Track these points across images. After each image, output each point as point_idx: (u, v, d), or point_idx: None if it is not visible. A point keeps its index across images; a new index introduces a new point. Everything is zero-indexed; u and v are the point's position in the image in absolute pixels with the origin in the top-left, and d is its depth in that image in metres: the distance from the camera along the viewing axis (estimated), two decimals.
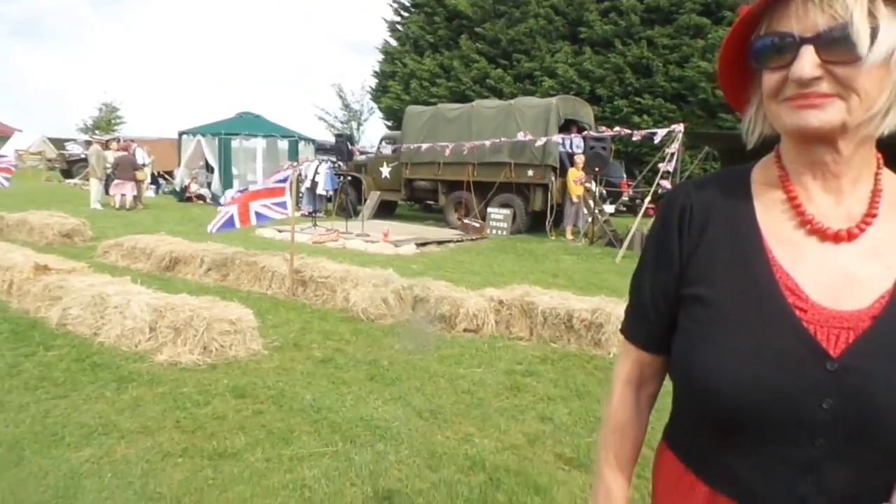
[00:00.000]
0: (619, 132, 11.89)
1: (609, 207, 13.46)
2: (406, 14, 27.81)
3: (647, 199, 10.90)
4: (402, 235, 11.34)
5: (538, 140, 12.21)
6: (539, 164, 12.92)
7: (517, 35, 23.61)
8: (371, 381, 4.21)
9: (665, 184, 10.45)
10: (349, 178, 15.24)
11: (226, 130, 17.98)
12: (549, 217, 13.04)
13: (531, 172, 13.10)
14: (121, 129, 37.74)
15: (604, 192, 13.85)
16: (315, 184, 14.53)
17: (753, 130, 0.88)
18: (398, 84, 26.66)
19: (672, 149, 10.46)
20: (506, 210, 13.32)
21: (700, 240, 0.88)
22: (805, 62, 0.74)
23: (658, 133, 10.93)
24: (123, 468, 2.90)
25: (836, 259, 0.81)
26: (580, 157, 12.41)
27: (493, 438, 3.39)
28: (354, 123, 35.44)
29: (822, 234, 0.82)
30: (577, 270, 9.08)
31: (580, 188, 12.32)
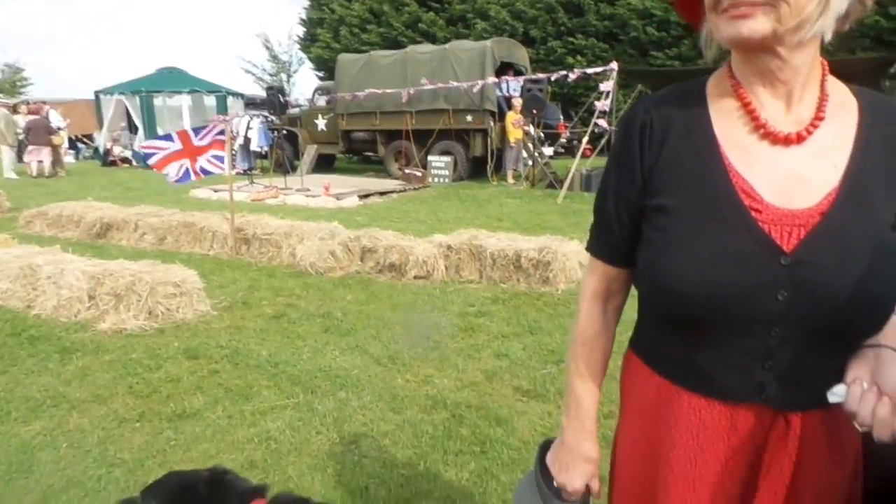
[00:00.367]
0: (554, 75, 11.90)
1: (548, 150, 13.60)
2: None
3: (585, 140, 11.05)
4: (344, 188, 11.16)
5: (475, 85, 12.10)
6: (477, 109, 12.84)
7: None
8: (326, 333, 4.20)
9: (602, 123, 10.61)
10: (284, 133, 14.74)
11: (147, 88, 17.02)
12: (490, 162, 13.08)
13: (470, 118, 13.03)
14: (28, 91, 34.98)
15: (542, 135, 13.96)
16: (248, 140, 14.00)
17: (710, 45, 0.90)
18: (327, 32, 25.70)
19: (607, 87, 10.58)
20: (446, 157, 13.26)
21: (660, 153, 0.91)
22: None
23: (593, 72, 10.99)
24: (78, 437, 2.83)
25: (788, 161, 0.86)
26: (517, 101, 12.39)
27: (453, 378, 3.47)
28: (284, 75, 34.08)
29: (774, 138, 0.86)
30: (521, 213, 9.20)
31: (519, 132, 12.36)
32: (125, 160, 17.58)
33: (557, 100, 19.30)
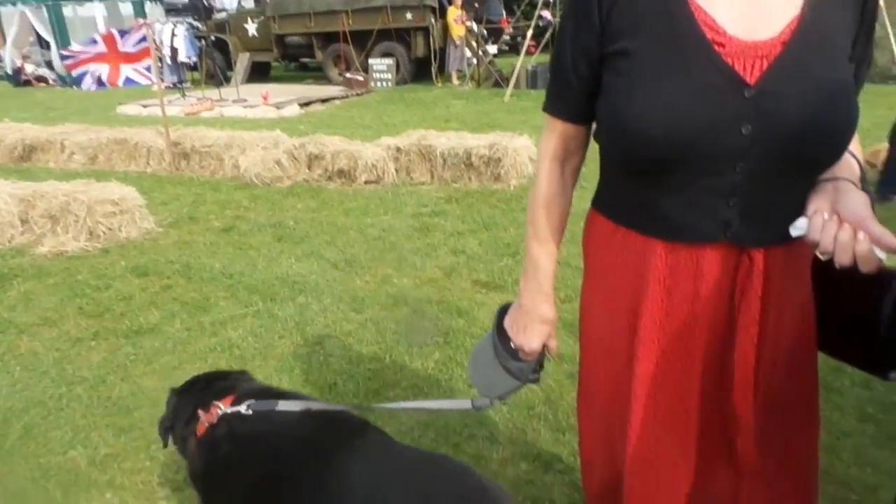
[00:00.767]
0: None
1: (492, 48, 13.18)
2: None
3: (529, 35, 10.75)
4: (283, 97, 10.66)
5: None
6: (417, 6, 12.21)
7: None
8: (280, 243, 4.13)
9: (545, 15, 10.33)
10: (212, 41, 13.77)
11: None
12: (434, 63, 12.64)
13: (410, 15, 12.41)
14: None
15: (485, 32, 13.49)
16: (175, 51, 13.04)
17: None
18: None
19: None
20: (388, 60, 12.72)
21: None
22: None
23: None
24: (32, 360, 2.76)
25: None
26: None
27: (412, 276, 3.50)
28: None
29: None
30: (468, 113, 9.03)
31: (461, 28, 11.89)
32: (41, 79, 16.21)
33: None
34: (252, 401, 1.24)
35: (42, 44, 16.36)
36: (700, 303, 0.91)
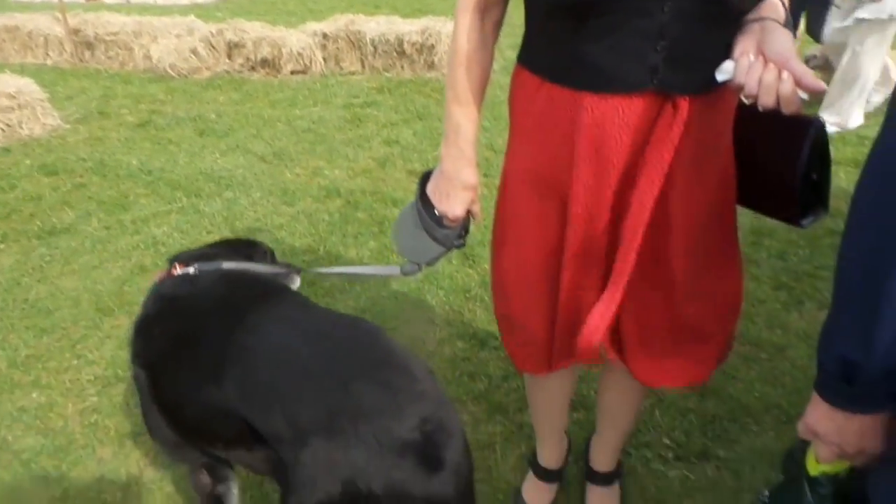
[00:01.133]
0: None
1: None
2: None
3: None
4: None
5: None
6: None
7: None
8: (202, 137, 3.89)
9: None
10: None
11: None
12: None
13: None
14: None
15: None
16: None
17: None
18: None
19: None
20: None
21: None
22: None
23: None
24: None
25: None
26: None
27: (344, 168, 3.39)
28: None
29: None
30: None
31: None
32: None
33: None
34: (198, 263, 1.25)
35: None
36: (624, 152, 0.89)
